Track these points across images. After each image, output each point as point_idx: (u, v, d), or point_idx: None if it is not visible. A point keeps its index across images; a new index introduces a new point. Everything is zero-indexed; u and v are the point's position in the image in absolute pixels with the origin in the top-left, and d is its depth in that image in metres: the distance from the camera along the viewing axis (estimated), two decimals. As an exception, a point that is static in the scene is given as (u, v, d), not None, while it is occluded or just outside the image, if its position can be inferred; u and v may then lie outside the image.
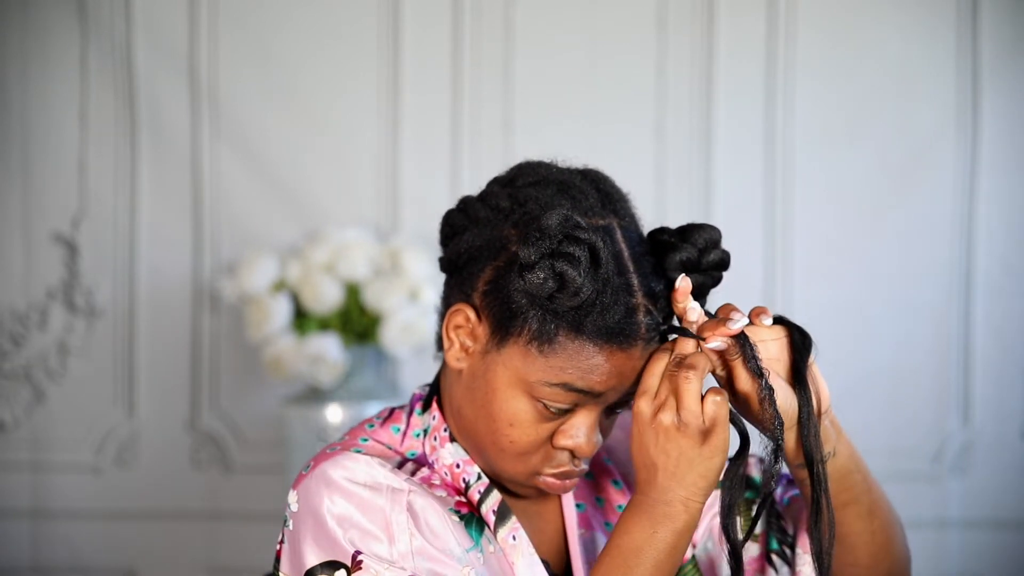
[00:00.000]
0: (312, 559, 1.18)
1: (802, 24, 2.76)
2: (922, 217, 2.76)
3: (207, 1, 2.75)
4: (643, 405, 1.17)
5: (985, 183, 2.75)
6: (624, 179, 1.31)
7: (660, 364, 1.18)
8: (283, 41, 2.77)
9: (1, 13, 2.76)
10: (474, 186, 2.71)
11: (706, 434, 1.14)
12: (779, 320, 1.22)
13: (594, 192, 1.23)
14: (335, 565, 1.17)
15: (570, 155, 1.31)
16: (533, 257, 1.14)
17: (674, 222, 1.31)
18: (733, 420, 1.19)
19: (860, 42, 2.77)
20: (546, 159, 1.28)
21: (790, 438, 1.20)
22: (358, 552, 1.16)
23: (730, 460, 1.21)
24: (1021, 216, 2.77)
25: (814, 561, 1.21)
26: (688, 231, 1.23)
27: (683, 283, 1.19)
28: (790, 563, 1.34)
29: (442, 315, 1.26)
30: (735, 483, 1.20)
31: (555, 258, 1.13)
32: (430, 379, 1.37)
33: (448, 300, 1.26)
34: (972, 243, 2.76)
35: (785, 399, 1.18)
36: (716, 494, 1.35)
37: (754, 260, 2.75)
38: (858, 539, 1.29)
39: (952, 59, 2.76)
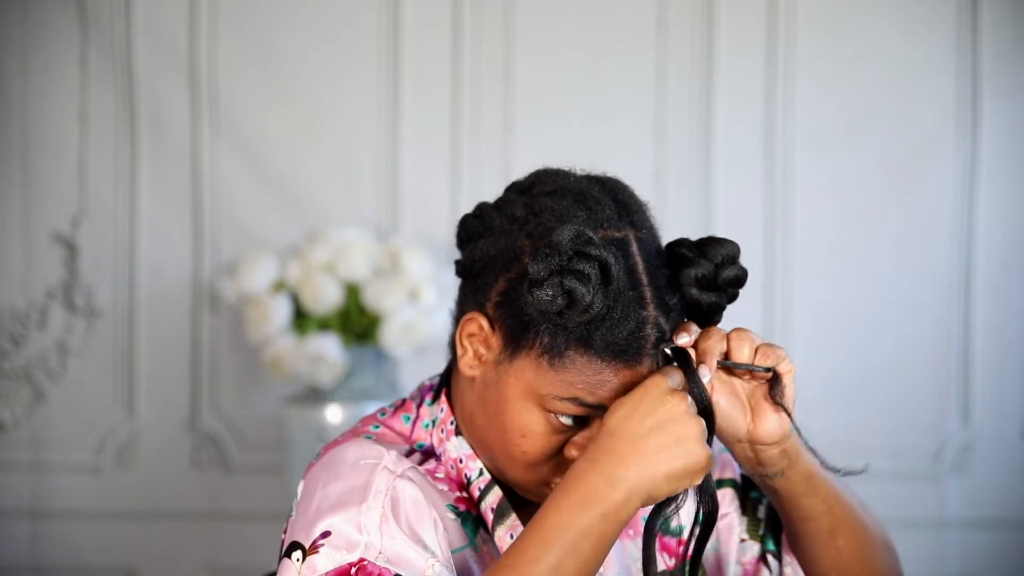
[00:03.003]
0: (290, 539, 1.19)
1: (802, 24, 2.76)
2: (922, 217, 2.76)
3: (207, 1, 2.75)
4: (662, 379, 1.14)
5: (985, 183, 2.75)
6: (624, 179, 1.30)
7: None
8: (283, 41, 2.77)
9: (1, 13, 2.76)
10: (474, 186, 2.73)
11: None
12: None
13: (611, 203, 1.21)
14: (297, 546, 1.17)
15: (570, 155, 1.31)
16: (542, 273, 1.13)
17: (674, 222, 1.31)
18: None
19: (860, 42, 2.77)
20: (565, 166, 1.26)
21: (743, 449, 1.23)
22: (325, 533, 1.15)
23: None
24: (1021, 216, 2.77)
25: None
26: (706, 245, 1.21)
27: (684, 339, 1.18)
28: (780, 561, 1.35)
29: (456, 321, 1.26)
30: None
31: (564, 275, 1.12)
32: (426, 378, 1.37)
33: (462, 307, 1.25)
34: (972, 243, 2.76)
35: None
36: (727, 493, 1.36)
37: (754, 260, 2.74)
38: (822, 553, 1.30)
39: (952, 59, 2.76)
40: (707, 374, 1.17)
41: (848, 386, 2.74)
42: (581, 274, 1.12)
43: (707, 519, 1.21)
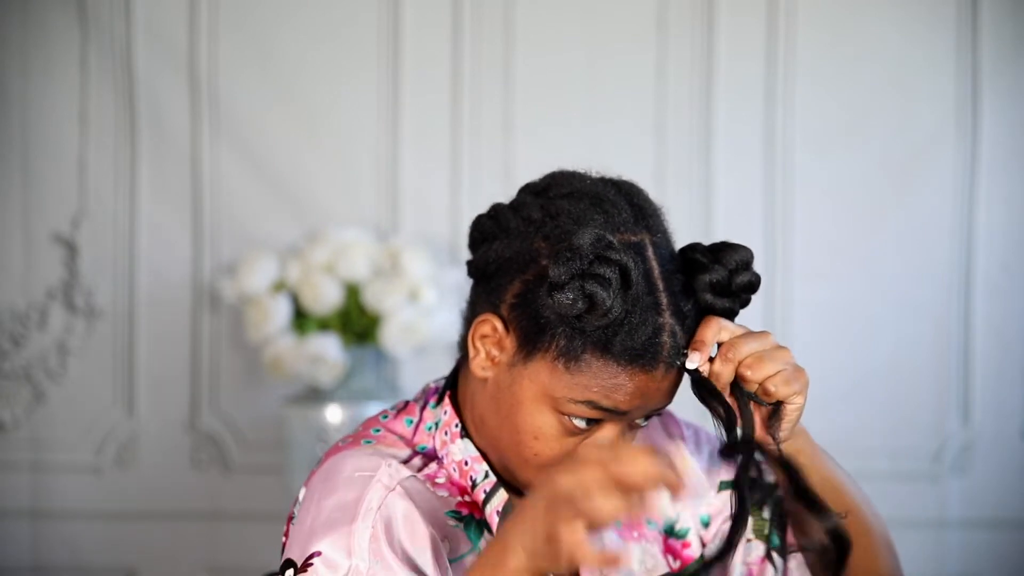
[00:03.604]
0: (286, 555, 1.19)
1: (802, 24, 2.76)
2: (922, 217, 2.76)
3: (207, 1, 2.75)
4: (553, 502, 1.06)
5: (985, 183, 2.75)
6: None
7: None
8: (283, 41, 2.77)
9: (1, 13, 2.76)
10: (474, 186, 2.73)
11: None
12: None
13: (627, 207, 1.21)
14: (290, 563, 1.17)
15: (570, 155, 1.30)
16: (564, 277, 1.13)
17: (674, 222, 1.30)
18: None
19: (860, 42, 2.77)
20: (581, 168, 1.26)
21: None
22: (316, 553, 1.15)
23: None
24: (1021, 216, 2.77)
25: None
26: (720, 251, 1.22)
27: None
28: (784, 558, 1.35)
29: (468, 321, 1.26)
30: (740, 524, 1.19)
31: (585, 279, 1.12)
32: (430, 380, 1.37)
33: (475, 308, 1.25)
34: (972, 243, 2.76)
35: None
36: (731, 494, 1.36)
37: (754, 260, 2.74)
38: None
39: (952, 59, 2.76)
40: (697, 360, 1.17)
41: (848, 386, 2.74)
42: (602, 278, 1.12)
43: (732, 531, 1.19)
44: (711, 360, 1.19)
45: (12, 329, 2.78)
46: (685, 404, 1.29)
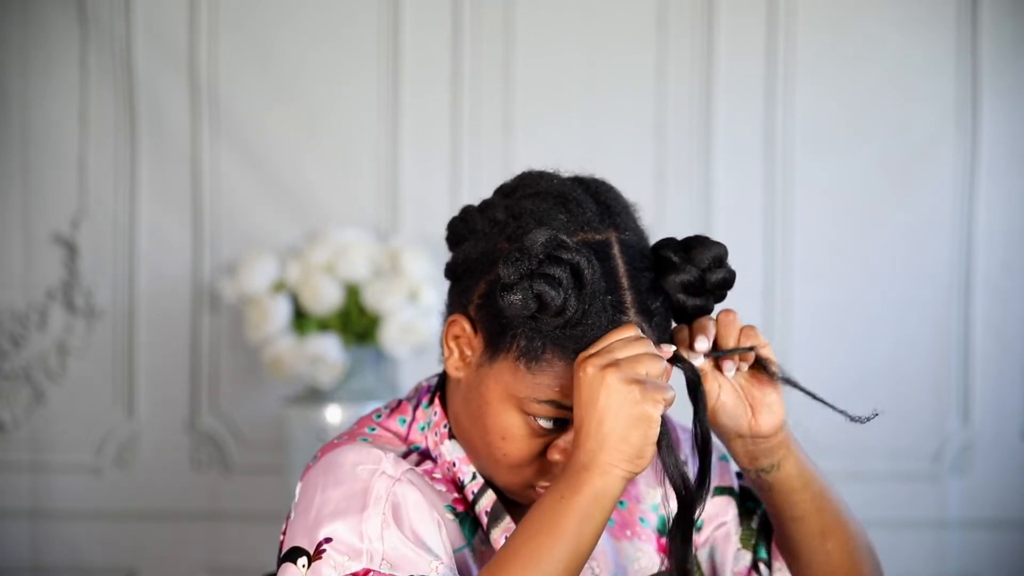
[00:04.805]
0: (291, 544, 1.19)
1: (802, 24, 2.76)
2: (922, 217, 2.76)
3: (207, 1, 2.75)
4: (592, 361, 1.12)
5: (985, 183, 2.75)
6: (624, 179, 1.30)
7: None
8: (283, 41, 2.77)
9: (1, 13, 2.76)
10: (474, 186, 2.74)
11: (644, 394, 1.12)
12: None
13: (593, 205, 1.21)
14: (300, 551, 1.17)
15: (570, 155, 1.30)
16: (513, 278, 1.13)
17: (674, 223, 1.31)
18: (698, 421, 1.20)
19: (860, 42, 2.77)
20: (550, 168, 1.26)
21: (743, 444, 1.24)
22: (327, 539, 1.16)
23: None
24: (1021, 216, 2.77)
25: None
26: (692, 248, 1.21)
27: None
28: (770, 568, 1.35)
29: (444, 322, 1.26)
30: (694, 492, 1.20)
31: (534, 279, 1.12)
32: (422, 378, 1.37)
33: (449, 309, 1.26)
34: (972, 243, 2.76)
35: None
36: (725, 500, 1.36)
37: (754, 260, 2.75)
38: (812, 557, 1.29)
39: (952, 59, 2.76)
40: (705, 344, 1.20)
41: (848, 386, 2.73)
42: (551, 278, 1.12)
43: (685, 502, 1.19)
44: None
45: (12, 329, 2.78)
46: (683, 408, 1.29)
